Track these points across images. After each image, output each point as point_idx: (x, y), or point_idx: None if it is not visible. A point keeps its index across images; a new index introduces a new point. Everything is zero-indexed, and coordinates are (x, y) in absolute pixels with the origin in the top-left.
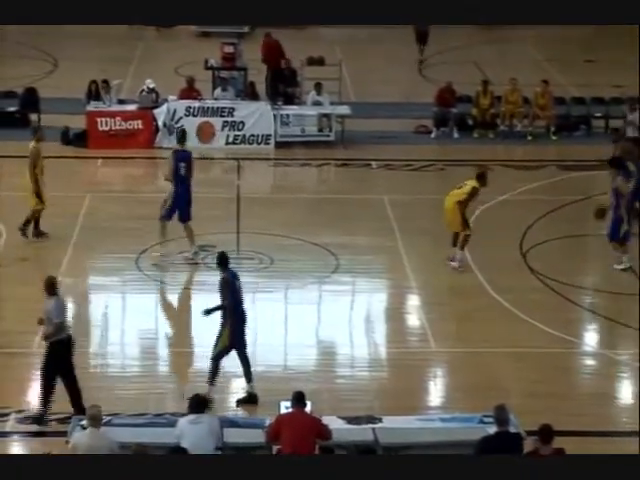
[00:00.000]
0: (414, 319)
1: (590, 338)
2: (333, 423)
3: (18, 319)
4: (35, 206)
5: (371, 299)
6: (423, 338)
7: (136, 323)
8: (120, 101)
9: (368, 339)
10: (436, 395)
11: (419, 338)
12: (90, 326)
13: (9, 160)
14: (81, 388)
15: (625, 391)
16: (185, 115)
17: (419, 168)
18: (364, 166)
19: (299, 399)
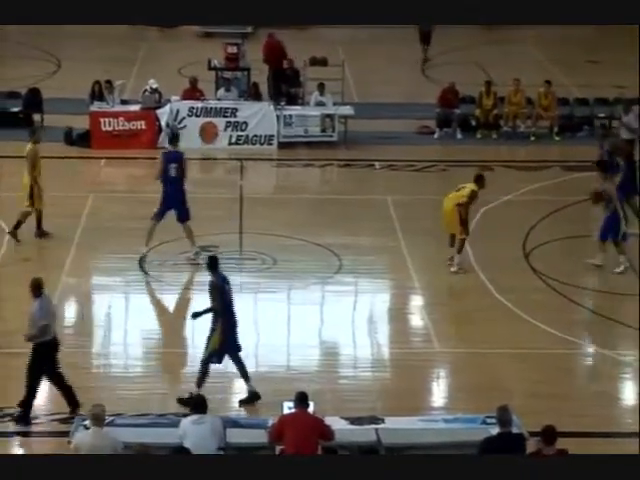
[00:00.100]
0: (417, 319)
1: (593, 339)
2: (336, 423)
3: (19, 319)
4: (25, 208)
5: (374, 299)
6: (426, 339)
7: (139, 323)
8: (123, 101)
9: (371, 339)
10: (439, 396)
11: (422, 339)
12: (93, 326)
13: (13, 160)
14: (71, 385)
15: (628, 392)
16: (188, 115)
17: (422, 169)
18: (367, 167)
19: (302, 399)
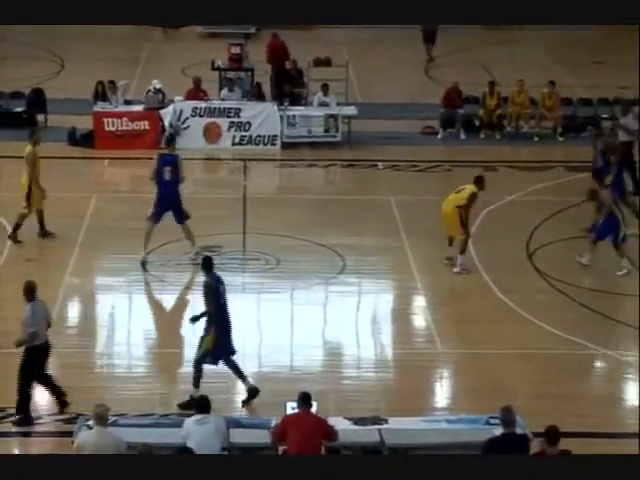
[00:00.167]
0: (420, 320)
1: (596, 339)
2: (339, 424)
3: (19, 320)
4: (22, 210)
5: (377, 300)
6: (429, 339)
7: (142, 324)
8: (127, 102)
9: (374, 340)
10: (442, 396)
11: (425, 339)
12: (96, 326)
13: (13, 160)
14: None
15: (632, 392)
16: (192, 116)
17: (425, 169)
18: (370, 167)
19: (305, 400)
